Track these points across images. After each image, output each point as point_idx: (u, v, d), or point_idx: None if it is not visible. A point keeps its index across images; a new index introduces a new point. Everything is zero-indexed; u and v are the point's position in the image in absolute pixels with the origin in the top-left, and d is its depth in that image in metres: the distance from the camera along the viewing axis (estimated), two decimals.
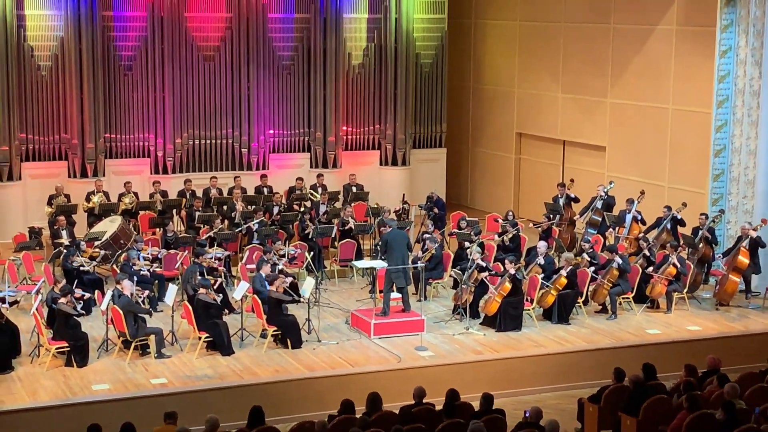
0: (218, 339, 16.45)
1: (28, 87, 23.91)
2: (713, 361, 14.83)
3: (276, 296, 16.83)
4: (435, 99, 27.95)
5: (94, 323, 17.18)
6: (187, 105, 25.18)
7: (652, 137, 23.33)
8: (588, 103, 25.12)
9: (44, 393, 14.83)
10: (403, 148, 27.03)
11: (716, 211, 20.61)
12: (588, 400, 14.41)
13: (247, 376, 15.63)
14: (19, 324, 16.55)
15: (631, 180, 23.46)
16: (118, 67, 24.55)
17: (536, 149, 27.18)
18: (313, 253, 20.71)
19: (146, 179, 24.33)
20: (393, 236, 18.13)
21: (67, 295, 16.12)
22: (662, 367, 15.28)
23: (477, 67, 28.80)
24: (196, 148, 25.39)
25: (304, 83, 26.20)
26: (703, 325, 18.37)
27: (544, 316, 18.46)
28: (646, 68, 23.45)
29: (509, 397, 15.83)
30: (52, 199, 22.37)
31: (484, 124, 28.69)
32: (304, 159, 26.37)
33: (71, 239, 20.51)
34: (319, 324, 17.64)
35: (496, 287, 17.86)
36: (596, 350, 17.13)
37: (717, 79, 20.64)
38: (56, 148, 24.28)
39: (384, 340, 17.15)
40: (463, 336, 17.49)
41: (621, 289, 18.77)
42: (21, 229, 22.08)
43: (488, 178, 28.66)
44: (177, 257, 19.80)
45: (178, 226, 22.78)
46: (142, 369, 15.78)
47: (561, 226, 22.37)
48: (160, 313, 17.97)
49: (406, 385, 14.50)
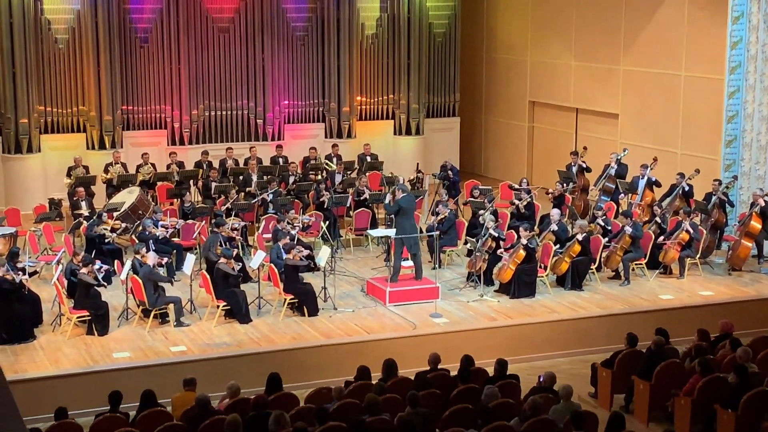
0: (236, 307, 16.62)
1: (46, 60, 24.11)
2: (726, 326, 14.93)
3: (292, 263, 16.99)
4: (448, 68, 28.03)
5: (114, 292, 17.34)
6: (202, 77, 25.34)
7: (665, 104, 23.36)
8: (601, 71, 25.14)
9: (66, 361, 15.02)
10: (416, 118, 27.15)
11: (729, 177, 20.67)
12: (601, 364, 14.52)
13: (265, 343, 15.79)
14: (40, 293, 16.76)
15: (644, 147, 23.50)
16: (134, 39, 24.72)
17: (549, 117, 27.24)
18: (329, 222, 20.85)
19: (163, 150, 24.52)
20: (405, 201, 18.04)
21: (89, 265, 16.32)
22: (675, 332, 15.41)
23: (490, 36, 28.82)
24: (212, 120, 25.57)
25: (318, 54, 26.31)
26: (715, 290, 18.42)
27: (558, 283, 18.57)
28: (658, 35, 23.44)
29: (523, 362, 15.96)
30: (70, 171, 22.57)
31: (497, 93, 28.74)
32: (318, 129, 26.51)
33: (90, 210, 20.73)
34: (335, 292, 17.80)
35: (510, 255, 17.97)
36: (609, 316, 17.20)
37: (729, 46, 20.65)
38: (74, 120, 24.50)
39: (399, 308, 17.28)
40: (477, 303, 17.60)
41: (634, 255, 18.86)
42: (41, 201, 22.31)
43: (501, 147, 28.75)
44: (194, 227, 19.99)
45: (195, 196, 22.95)
46: (162, 337, 15.97)
47: (574, 194, 22.46)
48: (179, 282, 18.15)
49: (422, 352, 14.67)
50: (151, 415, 12.18)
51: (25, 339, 15.67)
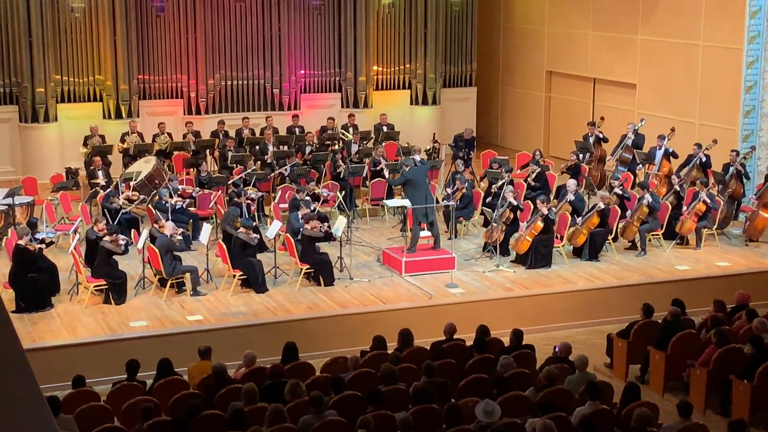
0: (252, 277, 16.66)
1: (62, 29, 24.09)
2: (742, 297, 14.91)
3: (309, 233, 17.01)
4: (465, 38, 27.92)
5: (131, 262, 17.41)
6: (218, 46, 25.30)
7: (683, 74, 23.25)
8: (618, 41, 25.02)
9: (84, 330, 15.11)
10: (433, 87, 27.07)
11: (747, 147, 20.59)
12: (617, 335, 14.54)
13: (281, 313, 15.84)
14: (57, 262, 16.80)
15: (661, 117, 23.41)
16: (150, 8, 24.69)
17: (566, 87, 27.14)
18: (345, 192, 20.85)
19: (179, 120, 24.53)
20: (412, 173, 18.03)
21: (113, 234, 16.31)
22: (691, 303, 15.39)
23: (507, 5, 28.70)
24: (229, 89, 25.54)
25: (335, 23, 26.24)
26: (732, 261, 18.39)
27: (574, 254, 18.56)
28: (677, 5, 23.29)
29: (539, 332, 15.97)
30: (87, 140, 22.60)
31: (514, 63, 28.65)
32: (335, 99, 26.47)
33: (107, 179, 20.76)
34: (351, 262, 17.83)
35: (527, 226, 17.94)
36: (625, 286, 17.18)
37: (748, 15, 20.53)
38: (91, 89, 24.51)
39: (415, 278, 17.30)
40: (493, 273, 17.61)
41: (650, 226, 18.82)
42: (58, 170, 22.34)
43: (519, 117, 28.67)
44: (211, 197, 20.02)
45: (212, 166, 22.97)
46: (179, 306, 16.04)
47: (591, 164, 22.40)
48: (195, 251, 18.20)
49: (437, 322, 14.67)
50: (168, 384, 12.25)
51: (42, 307, 15.74)
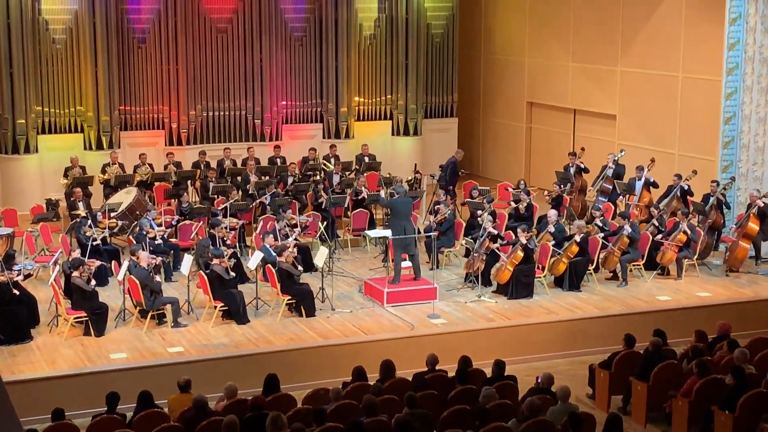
0: (233, 308, 16.60)
1: (43, 60, 24.08)
2: (723, 327, 14.90)
3: (285, 267, 16.99)
4: (446, 69, 28.04)
5: (111, 293, 17.34)
6: (200, 77, 25.32)
7: (662, 105, 23.37)
8: (598, 72, 25.15)
9: (63, 362, 15.00)
10: (414, 118, 27.15)
11: (727, 178, 20.68)
12: (599, 366, 14.53)
13: (263, 344, 15.79)
14: (37, 294, 16.75)
15: (641, 148, 23.51)
16: (131, 39, 24.70)
17: (547, 118, 27.25)
18: (327, 222, 20.84)
19: (161, 151, 24.50)
20: (398, 203, 18.03)
21: (79, 267, 16.20)
22: (672, 333, 15.43)
23: (488, 37, 28.83)
24: (210, 120, 25.54)
25: (316, 54, 26.30)
26: (713, 292, 18.43)
27: (556, 284, 18.58)
28: (656, 36, 23.46)
29: (521, 363, 15.93)
30: (68, 171, 22.53)
31: (495, 94, 28.75)
32: (316, 130, 26.50)
33: (88, 210, 20.70)
34: (333, 293, 17.80)
35: (507, 256, 17.96)
36: (607, 317, 17.19)
37: (727, 47, 20.63)
38: (72, 120, 24.47)
39: (397, 308, 17.28)
40: (475, 304, 17.60)
41: (631, 256, 18.86)
42: (38, 201, 22.22)
43: (499, 147, 28.75)
44: (192, 227, 19.98)
45: (193, 197, 22.93)
46: (159, 338, 15.96)
47: (572, 195, 22.47)
48: (176, 282, 18.13)
49: (419, 353, 14.66)
50: (148, 417, 12.16)
51: (21, 340, 15.65)
